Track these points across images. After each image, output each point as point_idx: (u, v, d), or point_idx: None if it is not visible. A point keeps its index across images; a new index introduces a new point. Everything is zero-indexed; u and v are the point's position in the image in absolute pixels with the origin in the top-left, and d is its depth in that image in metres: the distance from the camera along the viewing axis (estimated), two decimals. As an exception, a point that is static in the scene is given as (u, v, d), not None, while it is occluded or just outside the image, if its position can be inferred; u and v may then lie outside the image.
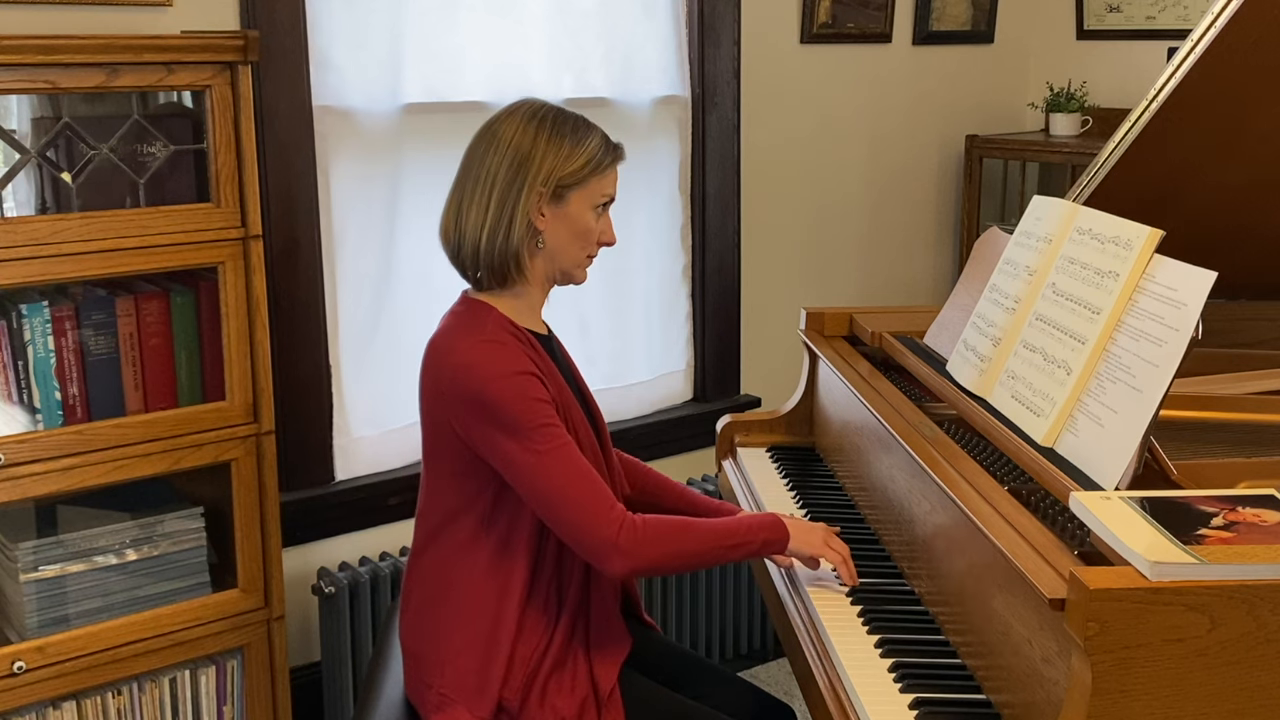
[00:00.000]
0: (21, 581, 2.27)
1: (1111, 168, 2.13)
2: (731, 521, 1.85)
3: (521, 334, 1.83)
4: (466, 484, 1.81)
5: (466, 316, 1.84)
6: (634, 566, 1.75)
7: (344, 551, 2.84)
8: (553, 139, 1.81)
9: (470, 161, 1.85)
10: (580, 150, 1.82)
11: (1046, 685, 1.39)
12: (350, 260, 2.80)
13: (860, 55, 3.64)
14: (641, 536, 1.74)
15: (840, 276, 3.74)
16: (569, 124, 1.84)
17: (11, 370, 2.21)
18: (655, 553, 1.76)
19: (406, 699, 1.90)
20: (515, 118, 1.84)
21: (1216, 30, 1.92)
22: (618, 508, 1.75)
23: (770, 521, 1.86)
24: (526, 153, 1.80)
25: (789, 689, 3.00)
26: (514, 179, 1.79)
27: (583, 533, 1.74)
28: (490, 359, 1.76)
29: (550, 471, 1.73)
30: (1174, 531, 1.34)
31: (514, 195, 1.79)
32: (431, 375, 1.83)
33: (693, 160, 3.34)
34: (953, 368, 2.00)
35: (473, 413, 1.75)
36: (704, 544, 1.80)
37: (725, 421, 2.53)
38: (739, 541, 1.82)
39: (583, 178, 1.82)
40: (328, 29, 2.70)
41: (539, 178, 1.79)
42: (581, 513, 1.73)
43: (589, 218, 1.85)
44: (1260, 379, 2.02)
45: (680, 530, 1.79)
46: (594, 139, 1.84)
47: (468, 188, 1.83)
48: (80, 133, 2.23)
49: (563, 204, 1.82)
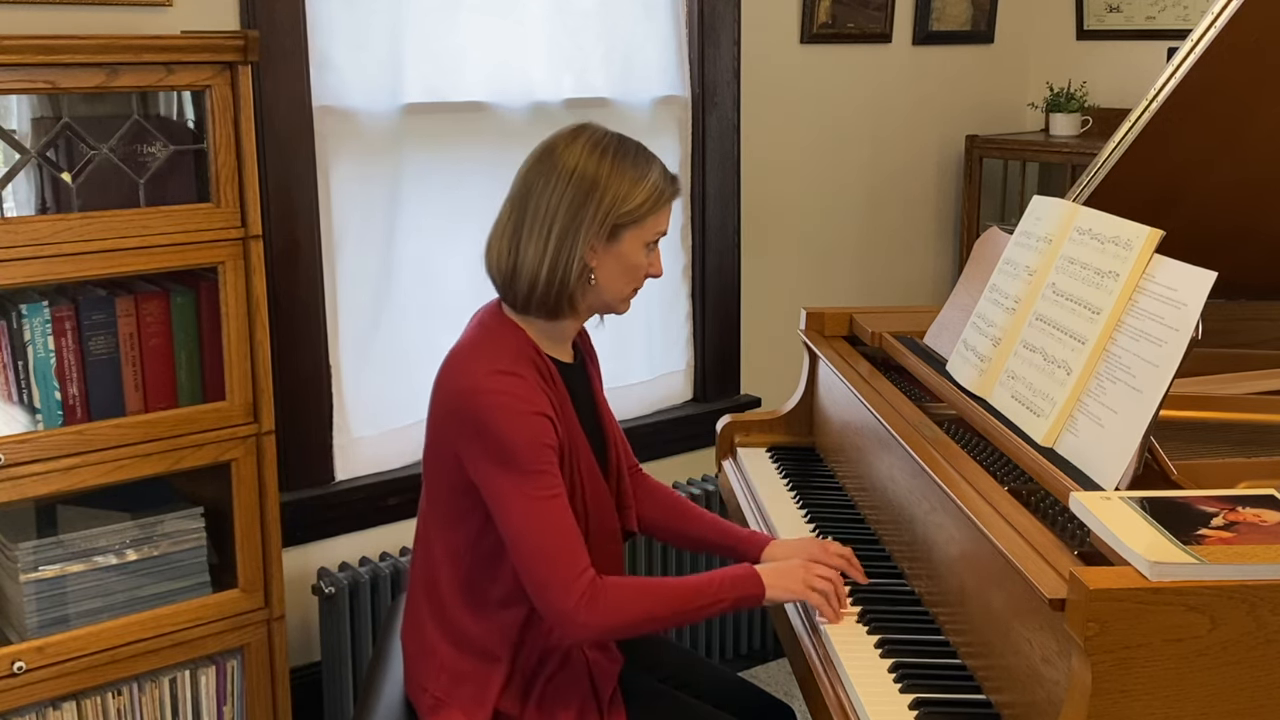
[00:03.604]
0: (21, 581, 2.27)
1: (1111, 168, 2.12)
2: (703, 580, 1.78)
3: (543, 362, 1.79)
4: (463, 500, 1.79)
5: (493, 336, 1.80)
6: (590, 636, 1.73)
7: (344, 551, 2.84)
8: (614, 173, 1.76)
9: (529, 189, 1.79)
10: (641, 186, 1.77)
11: (1046, 685, 1.39)
12: (350, 260, 2.80)
13: (860, 55, 3.64)
14: (604, 605, 1.69)
15: (840, 276, 3.74)
16: (630, 156, 1.79)
17: (11, 370, 2.21)
18: (616, 621, 1.71)
19: (406, 699, 1.90)
20: (577, 145, 1.78)
21: (1216, 30, 1.92)
22: (585, 575, 1.70)
23: (744, 576, 1.78)
24: (589, 187, 1.75)
25: (789, 689, 3.00)
26: (575, 216, 1.75)
27: (544, 592, 1.70)
28: (505, 392, 1.71)
29: (529, 519, 1.70)
30: (1174, 531, 1.34)
31: (573, 233, 1.75)
32: (444, 390, 1.79)
33: (693, 160, 3.34)
34: (953, 368, 2.00)
35: (474, 440, 1.72)
36: (671, 607, 1.74)
37: (725, 421, 2.53)
38: (709, 601, 1.76)
39: (640, 216, 1.78)
40: (328, 29, 2.70)
41: (598, 216, 1.75)
42: (547, 572, 1.69)
43: (640, 255, 1.81)
44: (1260, 379, 2.02)
45: (646, 594, 1.74)
46: (654, 173, 1.80)
47: (526, 218, 1.78)
48: (80, 133, 2.23)
49: (616, 242, 1.78)
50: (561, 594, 1.69)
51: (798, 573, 1.80)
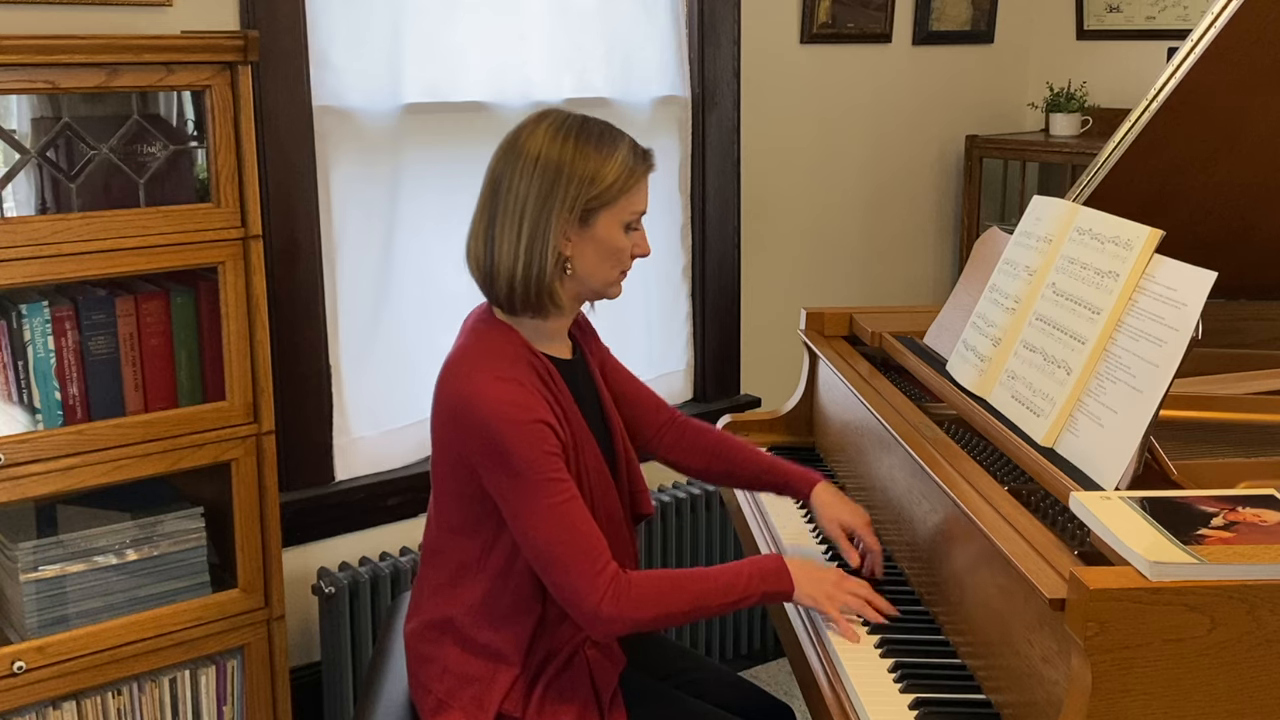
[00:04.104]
0: (21, 581, 2.27)
1: (1111, 168, 2.12)
2: (731, 573, 1.77)
3: (540, 361, 1.78)
4: (471, 507, 1.78)
5: (485, 340, 1.79)
6: (618, 631, 1.72)
7: (344, 551, 2.84)
8: (579, 154, 1.73)
9: (498, 182, 1.76)
10: (609, 164, 1.73)
11: (1046, 685, 1.39)
12: (350, 260, 2.80)
13: (860, 55, 3.64)
14: (630, 599, 1.69)
15: (840, 276, 3.74)
16: (595, 135, 1.75)
17: (11, 370, 2.21)
18: (642, 616, 1.70)
19: (408, 699, 1.90)
20: (540, 131, 1.75)
21: (1216, 30, 1.92)
22: (608, 570, 1.70)
23: (774, 572, 1.77)
24: (555, 172, 1.72)
25: (789, 689, 3.00)
26: (544, 203, 1.72)
27: (568, 594, 1.70)
28: (505, 401, 1.69)
29: (544, 526, 1.69)
30: (1174, 531, 1.34)
31: (545, 222, 1.72)
32: (445, 399, 1.77)
33: (693, 160, 3.34)
34: (953, 368, 2.00)
35: (481, 449, 1.71)
36: (697, 602, 1.74)
37: (725, 421, 2.54)
38: (738, 597, 1.75)
39: (611, 197, 1.74)
40: (328, 29, 2.70)
41: (568, 201, 1.72)
42: (568, 575, 1.69)
43: (618, 236, 1.77)
44: (1260, 379, 2.02)
45: (673, 588, 1.73)
46: (622, 150, 1.76)
47: (498, 213, 1.75)
48: (80, 133, 2.23)
49: (590, 227, 1.75)
50: (587, 592, 1.68)
51: (827, 586, 1.79)
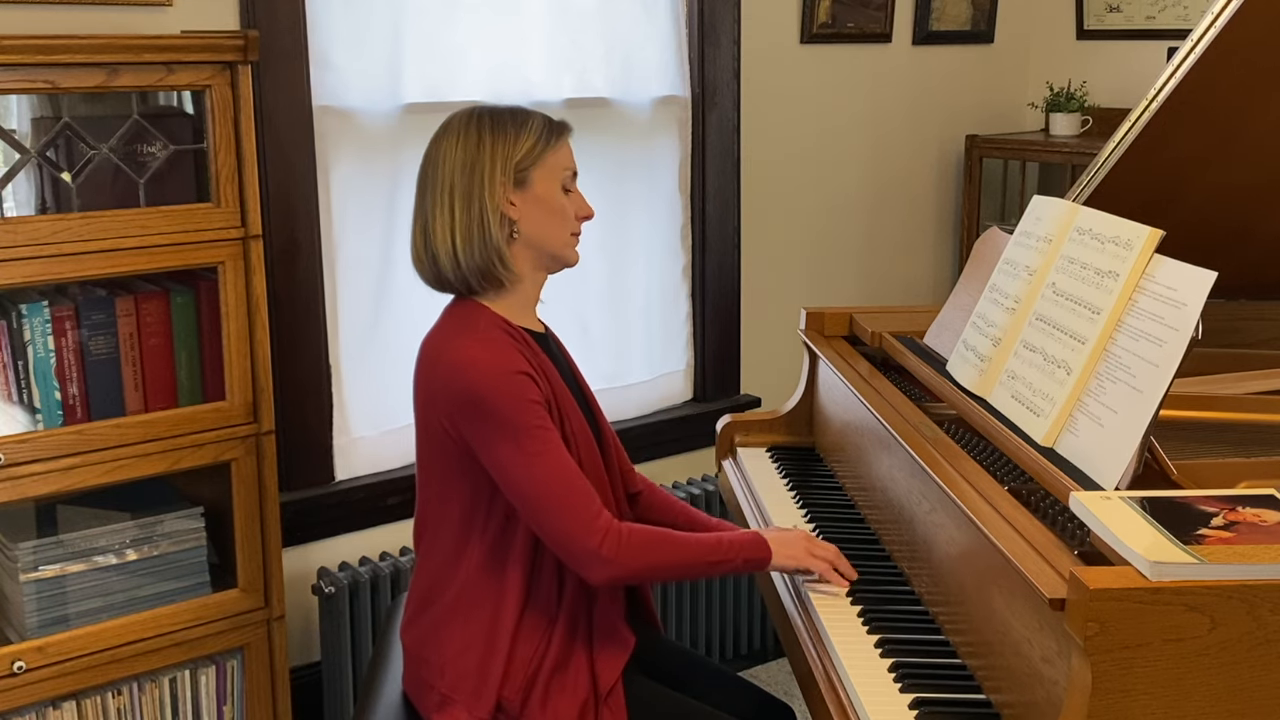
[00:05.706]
0: (21, 581, 2.27)
1: (1111, 168, 2.12)
2: (714, 539, 1.85)
3: (516, 332, 1.82)
4: (461, 486, 1.81)
5: (458, 317, 1.84)
6: (616, 575, 1.76)
7: (344, 551, 2.84)
8: (495, 130, 1.81)
9: (423, 183, 1.84)
10: (525, 131, 1.82)
11: (1046, 685, 1.39)
12: (350, 260, 2.80)
13: (860, 55, 3.64)
14: (625, 546, 1.74)
15: (840, 276, 3.74)
16: (505, 114, 1.84)
17: (11, 370, 2.21)
18: (638, 563, 1.76)
19: (406, 699, 1.90)
20: (452, 128, 1.83)
21: (1216, 30, 1.92)
22: (604, 515, 1.75)
23: (753, 540, 1.86)
24: (474, 151, 1.80)
25: (789, 689, 3.00)
26: (472, 177, 1.79)
27: (566, 539, 1.74)
28: (482, 358, 1.75)
29: (536, 475, 1.73)
30: (1174, 531, 1.34)
31: (478, 191, 1.79)
32: (424, 377, 1.82)
33: (693, 160, 3.34)
34: (953, 368, 2.00)
35: (464, 412, 1.74)
36: (687, 557, 1.81)
37: (725, 421, 2.53)
38: (721, 559, 1.83)
39: (538, 155, 1.81)
40: (328, 29, 2.70)
41: (496, 168, 1.79)
42: (565, 519, 1.73)
43: (558, 195, 1.84)
44: (1260, 379, 2.01)
45: (664, 542, 1.80)
46: (535, 119, 1.84)
47: (427, 205, 1.82)
48: (80, 133, 2.23)
49: (528, 187, 1.81)
50: (584, 537, 1.72)
51: (800, 543, 1.88)
